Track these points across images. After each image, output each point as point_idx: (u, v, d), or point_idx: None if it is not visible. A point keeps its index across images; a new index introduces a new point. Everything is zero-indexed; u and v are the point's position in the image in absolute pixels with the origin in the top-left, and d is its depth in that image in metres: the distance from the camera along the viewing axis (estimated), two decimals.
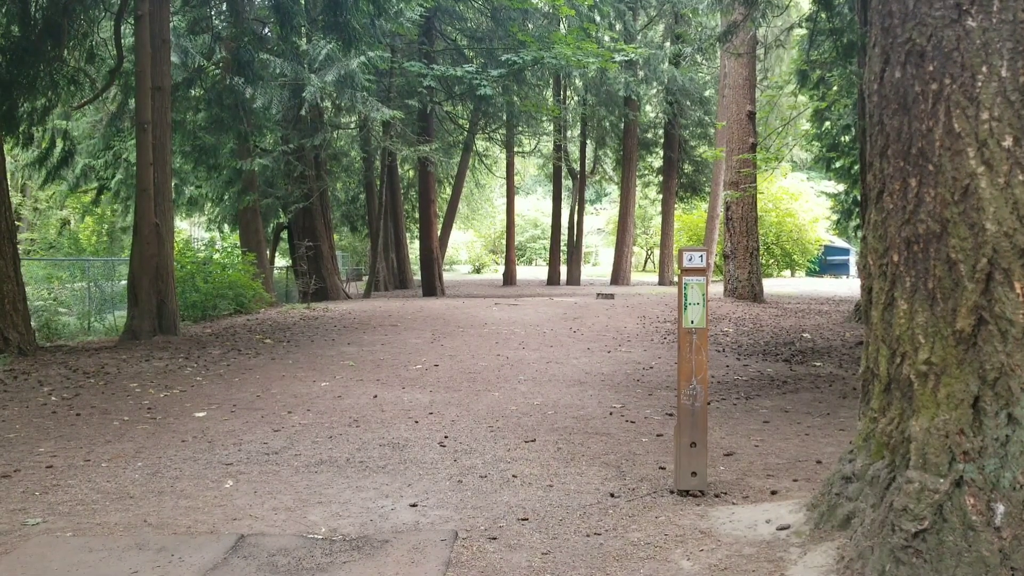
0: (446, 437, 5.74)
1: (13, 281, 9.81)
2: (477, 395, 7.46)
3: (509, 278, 32.05)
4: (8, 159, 16.03)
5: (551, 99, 28.81)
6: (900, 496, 2.89)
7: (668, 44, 28.27)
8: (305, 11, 16.13)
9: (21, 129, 12.97)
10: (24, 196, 28.82)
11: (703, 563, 3.30)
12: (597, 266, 56.26)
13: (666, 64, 25.19)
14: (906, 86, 3.10)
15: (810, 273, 40.27)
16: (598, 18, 23.15)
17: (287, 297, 21.62)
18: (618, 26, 26.49)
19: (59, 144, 14.73)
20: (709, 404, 6.08)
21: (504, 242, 36.62)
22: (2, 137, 11.06)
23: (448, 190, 34.18)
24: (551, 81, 28.01)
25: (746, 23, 14.67)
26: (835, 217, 28.39)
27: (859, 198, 18.61)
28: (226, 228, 25.03)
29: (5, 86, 11.70)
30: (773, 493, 4.27)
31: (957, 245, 2.88)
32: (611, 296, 19.79)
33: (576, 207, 33.51)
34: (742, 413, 6.68)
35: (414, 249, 33.57)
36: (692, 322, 4.18)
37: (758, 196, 20.69)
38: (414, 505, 4.16)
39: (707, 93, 29.24)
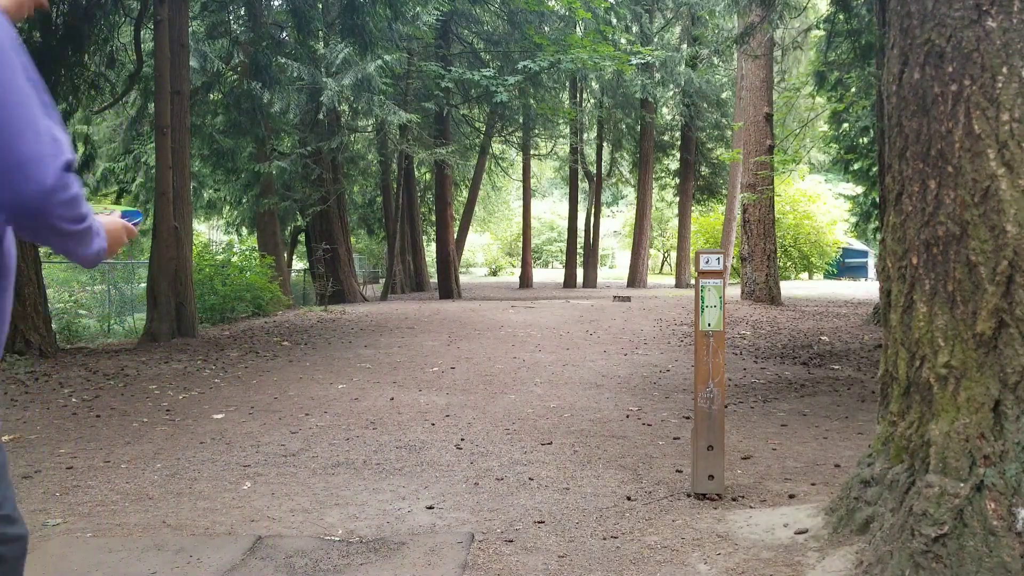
0: (463, 439, 5.75)
1: (34, 284, 9.92)
2: (493, 397, 7.47)
3: (525, 281, 32.06)
4: None
5: (567, 102, 28.80)
6: (920, 500, 2.86)
7: (685, 46, 28.19)
8: (322, 15, 16.22)
9: None
10: None
11: (720, 567, 3.29)
12: (614, 268, 56.18)
13: (683, 66, 25.13)
14: (925, 87, 3.07)
15: (828, 276, 40.06)
16: (614, 20, 23.14)
17: (304, 299, 21.74)
18: (634, 28, 26.48)
19: (80, 148, 14.89)
20: (726, 407, 6.06)
21: (520, 245, 36.64)
22: None
23: (464, 193, 34.25)
24: (567, 84, 28.00)
25: (763, 25, 14.62)
26: (853, 219, 28.22)
27: (877, 200, 18.47)
28: (244, 231, 25.23)
29: None
30: (791, 497, 4.25)
31: (977, 247, 2.85)
32: (627, 299, 19.75)
33: (592, 209, 33.48)
34: (759, 416, 6.65)
35: (431, 252, 33.65)
36: (709, 325, 4.17)
37: (776, 198, 20.59)
38: (431, 507, 4.16)
39: (724, 95, 29.14)
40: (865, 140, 19.50)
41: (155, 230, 11.95)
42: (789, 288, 26.34)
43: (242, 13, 16.27)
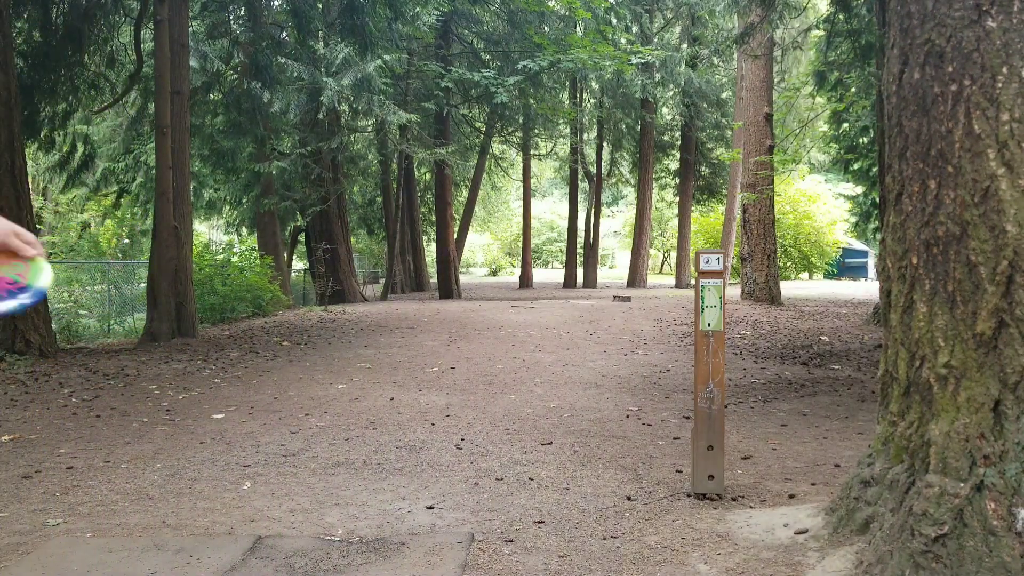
0: (463, 439, 5.75)
1: None
2: (493, 397, 7.47)
3: (525, 281, 32.05)
4: (30, 163, 16.23)
5: (567, 102, 28.80)
6: (920, 500, 2.86)
7: (685, 46, 28.20)
8: (322, 15, 16.22)
9: (43, 133, 13.15)
10: (45, 200, 29.15)
11: (720, 567, 3.29)
12: (614, 269, 56.17)
13: (683, 66, 25.12)
14: (925, 87, 3.07)
15: (828, 276, 40.06)
16: (614, 20, 23.11)
17: (304, 299, 21.73)
18: (634, 28, 26.45)
19: (80, 148, 14.90)
20: (726, 407, 6.06)
21: (520, 245, 36.64)
22: (24, 141, 11.18)
23: (464, 193, 34.25)
24: (567, 84, 28.00)
25: (763, 25, 14.62)
26: (853, 219, 28.25)
27: (877, 200, 18.48)
28: (244, 231, 25.22)
29: (27, 91, 11.84)
30: (791, 497, 4.25)
31: (977, 247, 2.85)
32: (627, 299, 19.75)
33: (592, 210, 33.47)
34: (759, 416, 6.65)
35: (431, 252, 33.66)
36: (709, 325, 4.17)
37: (775, 198, 20.60)
38: (431, 507, 4.16)
39: (724, 95, 29.13)
40: (865, 140, 19.50)
41: (155, 230, 11.94)
42: (789, 288, 26.34)
43: (242, 13, 16.27)
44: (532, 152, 32.43)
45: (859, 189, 24.09)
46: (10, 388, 7.72)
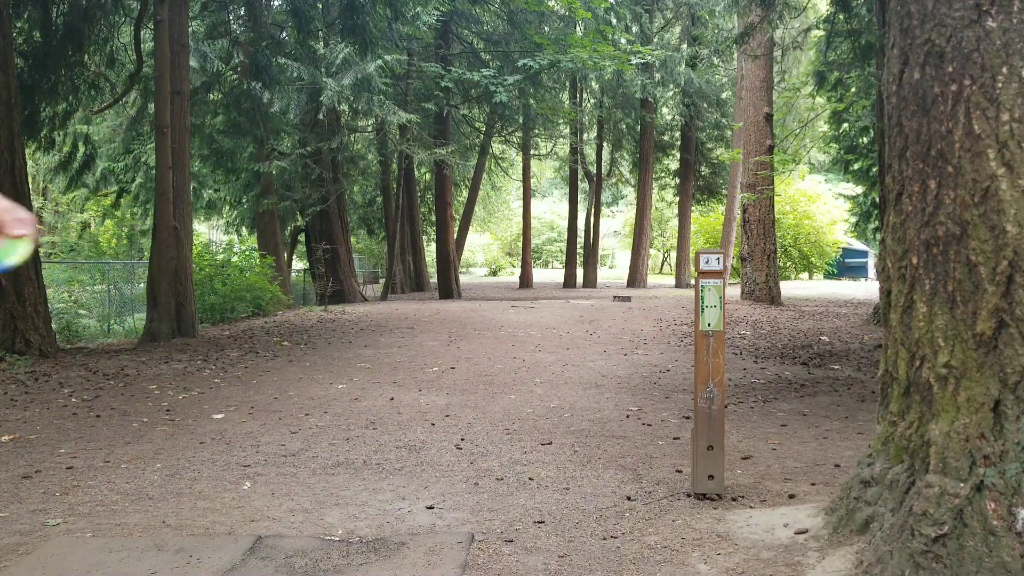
0: (463, 439, 5.75)
1: (34, 284, 9.92)
2: (493, 397, 7.47)
3: (525, 281, 32.05)
4: (30, 163, 16.24)
5: (567, 102, 28.80)
6: (920, 500, 2.86)
7: (685, 46, 28.20)
8: (322, 15, 16.22)
9: (43, 133, 13.16)
10: (45, 199, 29.16)
11: (720, 567, 3.28)
12: (613, 268, 56.16)
13: (683, 66, 25.12)
14: (925, 87, 3.07)
15: (828, 276, 40.05)
16: (614, 20, 23.11)
17: (304, 299, 21.73)
18: (634, 28, 26.46)
19: (80, 148, 14.91)
20: (726, 407, 6.06)
21: (520, 245, 36.63)
22: (24, 141, 11.18)
23: (464, 193, 34.26)
24: (567, 84, 28.01)
25: (763, 25, 14.62)
26: (853, 219, 28.23)
27: (877, 200, 18.48)
28: (244, 231, 25.22)
29: (27, 91, 11.84)
30: (791, 497, 4.25)
31: (977, 247, 2.85)
32: (628, 299, 19.75)
33: (592, 210, 33.46)
34: (759, 416, 6.65)
35: (430, 252, 33.66)
36: (709, 325, 4.17)
37: (775, 198, 20.59)
38: (431, 507, 4.16)
39: (724, 95, 29.13)
40: (865, 140, 19.50)
41: (155, 230, 11.94)
42: (789, 288, 26.34)
43: (242, 13, 16.27)
44: (532, 152, 32.42)
45: (859, 189, 24.08)
46: (10, 388, 7.72)
